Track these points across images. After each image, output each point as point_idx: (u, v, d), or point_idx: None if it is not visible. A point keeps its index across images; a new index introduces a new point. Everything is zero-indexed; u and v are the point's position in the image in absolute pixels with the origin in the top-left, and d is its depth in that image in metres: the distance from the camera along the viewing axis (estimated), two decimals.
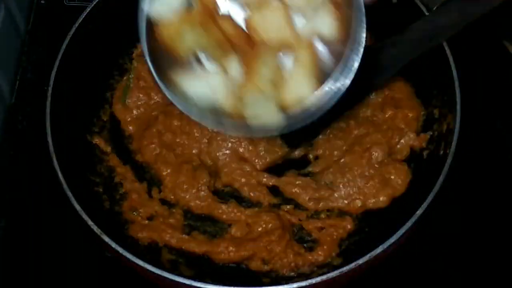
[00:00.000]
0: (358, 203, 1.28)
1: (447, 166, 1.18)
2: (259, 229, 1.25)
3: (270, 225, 1.25)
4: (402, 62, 1.22)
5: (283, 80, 0.96)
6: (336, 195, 1.29)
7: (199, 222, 1.29)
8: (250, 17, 0.95)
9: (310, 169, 1.34)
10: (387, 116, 1.35)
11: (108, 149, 1.36)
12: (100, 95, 1.41)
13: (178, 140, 1.35)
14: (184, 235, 1.26)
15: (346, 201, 1.29)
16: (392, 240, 1.11)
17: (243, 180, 1.31)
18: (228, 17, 0.96)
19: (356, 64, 0.96)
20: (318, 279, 1.09)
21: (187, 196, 1.30)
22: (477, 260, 1.34)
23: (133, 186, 1.32)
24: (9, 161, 1.48)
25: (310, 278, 1.10)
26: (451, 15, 1.17)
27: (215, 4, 0.97)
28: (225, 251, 1.22)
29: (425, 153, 1.31)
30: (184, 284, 1.09)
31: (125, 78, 1.41)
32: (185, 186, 1.30)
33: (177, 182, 1.30)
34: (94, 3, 1.34)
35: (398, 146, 1.32)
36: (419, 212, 1.14)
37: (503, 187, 1.42)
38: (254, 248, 1.22)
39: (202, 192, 1.29)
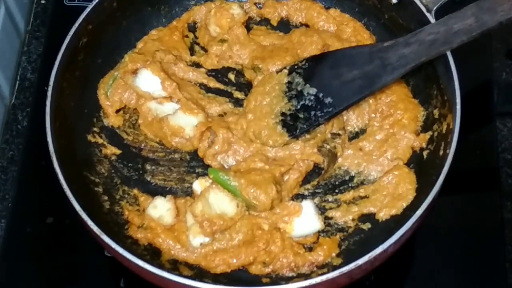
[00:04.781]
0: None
1: (447, 166, 1.17)
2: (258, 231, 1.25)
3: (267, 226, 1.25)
4: (412, 63, 1.22)
5: None
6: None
7: None
8: None
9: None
10: (380, 124, 1.34)
11: (108, 149, 1.36)
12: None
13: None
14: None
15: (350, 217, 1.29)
16: (392, 240, 1.11)
17: None
18: None
19: None
20: (318, 279, 1.09)
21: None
22: (477, 260, 1.34)
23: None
24: (9, 161, 1.48)
25: (310, 278, 1.10)
26: (466, 21, 1.17)
27: None
28: (221, 264, 1.22)
29: (425, 153, 1.31)
30: (184, 284, 1.09)
31: (113, 69, 1.41)
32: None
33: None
34: (94, 3, 1.34)
35: (399, 149, 1.32)
36: (419, 212, 1.14)
37: (502, 187, 1.42)
38: (254, 254, 1.21)
39: None
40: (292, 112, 1.31)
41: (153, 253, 1.23)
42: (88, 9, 1.34)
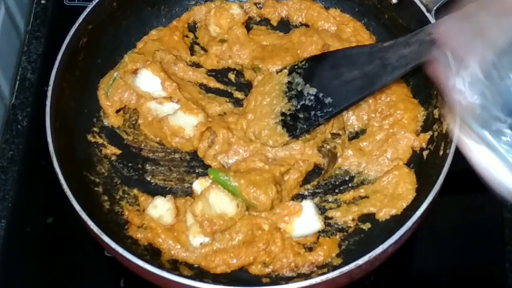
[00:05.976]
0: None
1: (447, 166, 1.17)
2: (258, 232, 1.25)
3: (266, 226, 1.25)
4: (412, 63, 1.21)
5: None
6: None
7: None
8: None
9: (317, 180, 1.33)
10: (380, 124, 1.34)
11: (108, 148, 1.36)
12: None
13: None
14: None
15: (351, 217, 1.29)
16: (392, 240, 1.11)
17: None
18: None
19: None
20: (318, 279, 1.09)
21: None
22: (477, 260, 1.35)
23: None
24: (9, 161, 1.48)
25: (310, 278, 1.10)
26: None
27: None
28: (221, 265, 1.22)
29: (425, 153, 1.31)
30: (184, 284, 1.09)
31: (113, 69, 1.41)
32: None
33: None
34: (94, 3, 1.34)
35: (399, 149, 1.32)
36: (419, 212, 1.14)
37: None
38: (254, 254, 1.22)
39: None
40: (292, 112, 1.31)
41: (153, 253, 1.23)
42: (88, 9, 1.34)
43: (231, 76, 1.43)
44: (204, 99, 1.39)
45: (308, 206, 1.25)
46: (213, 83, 1.42)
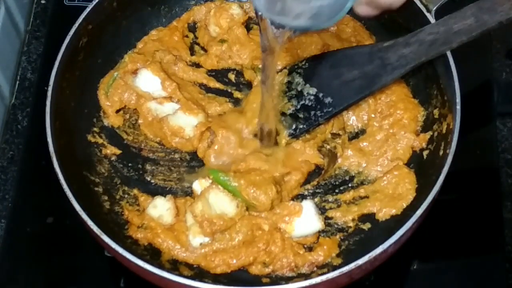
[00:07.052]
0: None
1: (447, 166, 1.17)
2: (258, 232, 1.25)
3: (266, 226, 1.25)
4: (412, 63, 1.22)
5: None
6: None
7: None
8: None
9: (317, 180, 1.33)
10: (380, 124, 1.34)
11: (108, 149, 1.36)
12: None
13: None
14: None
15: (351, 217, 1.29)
16: (392, 240, 1.11)
17: None
18: None
19: None
20: (318, 279, 1.09)
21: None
22: (477, 260, 1.34)
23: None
24: (9, 161, 1.48)
25: (310, 278, 1.10)
26: (466, 21, 1.17)
27: None
28: (221, 265, 1.22)
29: (425, 153, 1.31)
30: (184, 284, 1.09)
31: (113, 69, 1.41)
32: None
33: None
34: (94, 3, 1.34)
35: (399, 149, 1.32)
36: (419, 212, 1.14)
37: (502, 187, 1.42)
38: (254, 254, 1.22)
39: None
40: (292, 112, 1.31)
41: (153, 253, 1.23)
42: (88, 9, 1.34)
43: (231, 76, 1.43)
44: (204, 99, 1.39)
45: (308, 206, 1.25)
46: (213, 83, 1.42)
